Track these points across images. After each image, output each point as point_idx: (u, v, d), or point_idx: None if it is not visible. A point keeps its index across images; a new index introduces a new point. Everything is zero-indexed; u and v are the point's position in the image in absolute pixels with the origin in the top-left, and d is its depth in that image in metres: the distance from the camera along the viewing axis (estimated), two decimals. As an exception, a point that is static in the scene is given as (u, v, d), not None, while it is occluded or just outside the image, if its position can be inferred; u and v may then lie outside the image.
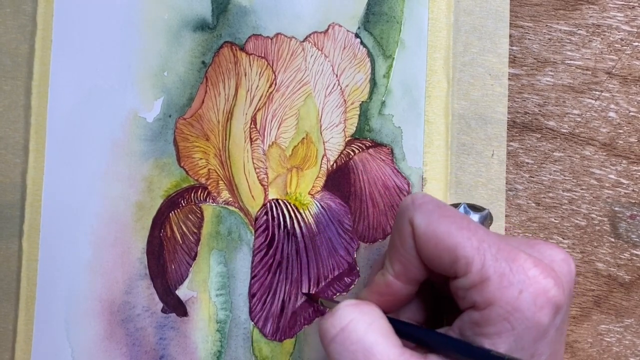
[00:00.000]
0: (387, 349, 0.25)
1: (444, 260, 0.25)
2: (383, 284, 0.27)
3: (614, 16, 0.37)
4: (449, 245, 0.24)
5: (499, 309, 0.23)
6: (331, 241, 0.35)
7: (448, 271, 0.25)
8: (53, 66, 0.36)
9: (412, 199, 0.26)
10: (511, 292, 0.23)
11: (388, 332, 0.26)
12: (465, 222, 0.25)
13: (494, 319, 0.24)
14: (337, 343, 0.25)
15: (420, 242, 0.25)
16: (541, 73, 0.37)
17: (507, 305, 0.23)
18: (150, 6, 0.36)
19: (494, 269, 0.24)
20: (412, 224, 0.25)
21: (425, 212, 0.25)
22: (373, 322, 0.25)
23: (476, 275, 0.24)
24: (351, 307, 0.26)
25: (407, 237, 0.26)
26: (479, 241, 0.24)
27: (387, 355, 0.25)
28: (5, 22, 0.36)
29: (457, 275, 0.25)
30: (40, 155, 0.35)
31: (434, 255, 0.25)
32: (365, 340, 0.25)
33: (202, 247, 0.35)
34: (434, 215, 0.25)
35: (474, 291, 0.24)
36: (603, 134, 0.37)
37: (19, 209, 0.35)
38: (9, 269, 0.35)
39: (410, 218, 0.26)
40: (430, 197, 0.26)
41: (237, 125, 0.35)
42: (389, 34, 0.36)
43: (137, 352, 0.35)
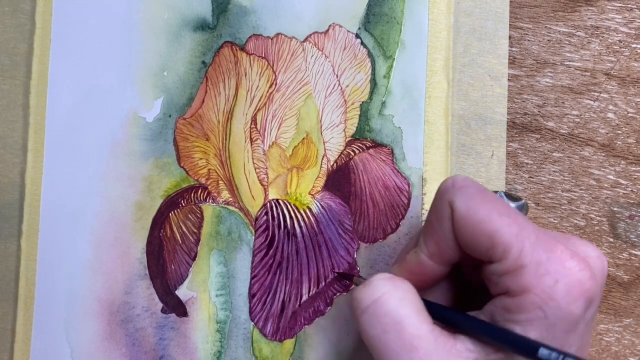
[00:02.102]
0: (418, 324, 0.25)
1: (481, 244, 0.25)
2: (415, 262, 0.27)
3: (612, 18, 0.37)
4: (488, 231, 0.24)
5: (533, 296, 0.24)
6: (331, 241, 0.35)
7: (484, 255, 0.25)
8: (52, 65, 0.35)
9: (453, 182, 0.26)
10: (547, 281, 0.24)
11: (420, 308, 0.26)
12: (506, 209, 0.25)
13: (528, 306, 0.24)
14: (369, 314, 0.25)
15: (459, 225, 0.25)
16: (540, 74, 0.37)
17: (542, 293, 0.23)
18: (150, 6, 0.36)
19: (531, 257, 0.24)
20: (451, 207, 0.25)
21: (466, 195, 0.25)
22: (405, 297, 0.26)
23: (513, 262, 0.24)
24: (385, 280, 0.26)
25: (445, 218, 0.26)
26: (518, 228, 0.24)
27: (417, 329, 0.25)
28: (4, 21, 0.36)
29: (492, 260, 0.25)
30: (39, 155, 0.35)
31: (471, 238, 0.25)
32: (397, 313, 0.25)
33: (202, 247, 0.35)
34: (474, 199, 0.25)
35: (508, 277, 0.24)
36: (602, 134, 0.37)
37: (17, 209, 0.35)
38: (8, 269, 0.35)
39: (450, 200, 0.25)
40: (471, 180, 0.26)
41: (237, 125, 0.35)
42: (389, 34, 0.36)
43: (136, 352, 0.34)
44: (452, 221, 0.26)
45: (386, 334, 0.25)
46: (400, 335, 0.25)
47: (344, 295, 0.35)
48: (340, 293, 0.35)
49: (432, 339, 0.25)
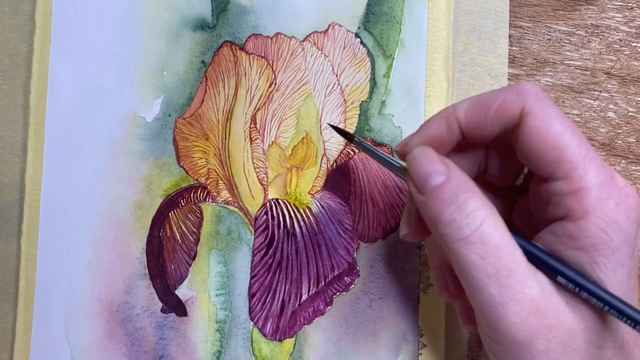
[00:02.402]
0: (514, 250, 0.25)
1: (546, 156, 0.25)
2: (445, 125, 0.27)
3: (612, 17, 0.37)
4: (559, 145, 0.25)
5: (596, 219, 0.24)
6: (331, 241, 0.35)
7: (545, 169, 0.25)
8: (52, 65, 0.35)
9: (537, 91, 0.26)
10: (609, 204, 0.24)
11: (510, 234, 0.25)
12: (578, 131, 0.25)
13: (591, 229, 0.24)
14: (468, 242, 0.25)
15: (528, 133, 0.25)
16: (540, 73, 0.37)
17: (604, 216, 0.24)
18: (150, 6, 0.36)
19: (596, 179, 0.24)
20: (524, 110, 0.25)
21: (545, 107, 0.25)
22: (499, 222, 0.25)
23: (577, 181, 0.24)
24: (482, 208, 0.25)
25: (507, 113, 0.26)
26: (587, 150, 0.25)
27: (514, 255, 0.25)
28: (4, 21, 0.36)
29: (552, 177, 0.25)
30: (39, 155, 0.35)
31: (539, 149, 0.25)
32: (495, 239, 0.25)
33: (202, 247, 0.35)
34: (552, 113, 0.25)
35: (571, 198, 0.24)
36: (602, 134, 0.37)
37: (17, 209, 0.35)
38: (8, 269, 0.35)
39: (527, 105, 0.25)
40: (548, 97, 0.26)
41: (236, 125, 0.35)
42: (389, 33, 0.36)
43: (136, 352, 0.34)
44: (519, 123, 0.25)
45: (485, 259, 0.24)
46: (500, 261, 0.24)
47: (344, 294, 0.35)
48: (340, 293, 0.35)
49: (525, 265, 0.25)
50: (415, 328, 0.35)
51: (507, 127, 0.26)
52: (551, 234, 0.26)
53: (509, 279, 0.24)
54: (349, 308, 0.35)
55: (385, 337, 0.35)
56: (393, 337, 0.35)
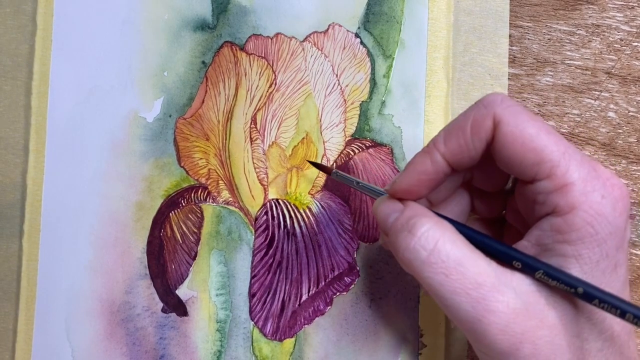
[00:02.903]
0: (477, 261, 0.25)
1: (527, 160, 0.25)
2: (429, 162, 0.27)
3: (613, 16, 0.37)
4: (537, 147, 0.25)
5: (582, 213, 0.24)
6: (331, 241, 0.35)
7: (527, 172, 0.25)
8: (53, 66, 0.36)
9: (502, 98, 0.26)
10: (594, 197, 0.24)
11: (470, 245, 0.26)
12: (552, 129, 0.26)
13: (578, 223, 0.24)
14: (429, 264, 0.25)
15: (504, 140, 0.25)
16: (541, 73, 0.37)
17: (590, 209, 0.24)
18: (150, 6, 0.36)
19: (578, 174, 0.24)
20: (496, 120, 0.26)
21: (515, 112, 0.26)
22: (456, 239, 0.26)
23: (561, 178, 0.24)
24: (433, 226, 0.26)
25: (483, 129, 0.26)
26: (565, 147, 0.25)
27: (478, 266, 0.25)
28: (5, 22, 0.36)
29: (537, 178, 0.25)
30: (41, 155, 0.35)
31: (517, 154, 0.25)
32: (455, 255, 0.25)
33: (202, 247, 0.35)
34: (523, 117, 0.25)
35: (556, 194, 0.25)
36: (602, 133, 0.37)
37: (19, 209, 0.35)
38: (9, 269, 0.35)
39: (496, 115, 0.26)
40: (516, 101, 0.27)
41: (237, 125, 0.36)
42: (389, 33, 0.36)
43: (137, 351, 0.35)
44: (494, 135, 0.26)
45: (449, 277, 0.25)
46: (464, 275, 0.25)
47: (344, 294, 0.35)
48: (340, 293, 0.35)
49: (492, 273, 0.25)
50: (415, 328, 0.35)
51: (487, 142, 0.26)
52: (539, 229, 0.26)
53: (478, 291, 0.24)
54: (349, 308, 0.35)
55: (385, 337, 0.35)
56: (393, 337, 0.35)
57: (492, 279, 0.25)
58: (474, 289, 0.24)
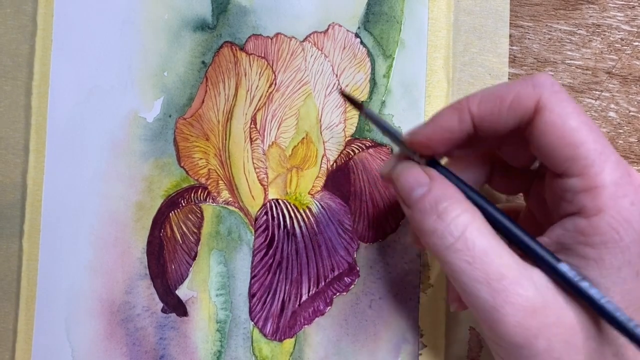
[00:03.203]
0: (502, 252, 0.25)
1: (561, 153, 0.24)
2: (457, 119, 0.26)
3: (614, 16, 0.37)
4: (575, 142, 0.24)
5: (609, 217, 0.23)
6: (331, 241, 0.35)
7: (559, 165, 0.25)
8: (53, 66, 0.36)
9: (552, 82, 0.25)
10: (624, 203, 0.23)
11: (496, 236, 0.25)
12: (595, 125, 0.25)
13: (603, 227, 0.23)
14: (454, 250, 0.25)
15: (543, 127, 0.24)
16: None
17: (618, 215, 0.23)
18: (150, 6, 0.36)
19: (611, 177, 0.24)
20: (539, 103, 0.25)
21: (561, 100, 0.25)
22: (483, 228, 0.25)
23: (593, 178, 0.24)
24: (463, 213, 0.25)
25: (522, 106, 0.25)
26: (603, 147, 0.24)
27: (503, 257, 0.25)
28: (6, 23, 0.36)
29: (567, 173, 0.24)
30: (41, 155, 0.35)
31: (553, 144, 0.24)
32: (482, 244, 0.25)
33: (202, 247, 0.35)
34: (568, 107, 0.24)
35: (586, 195, 0.24)
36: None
37: (19, 209, 0.35)
38: (10, 269, 0.35)
39: (543, 98, 0.25)
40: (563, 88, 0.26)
41: (237, 125, 0.35)
42: (389, 33, 0.36)
43: (137, 352, 0.35)
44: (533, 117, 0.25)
45: (473, 265, 0.25)
46: (489, 265, 0.24)
47: (344, 295, 0.35)
48: (340, 293, 0.35)
49: (515, 266, 0.25)
50: (415, 328, 0.35)
51: (521, 121, 0.25)
52: (561, 227, 0.25)
53: (500, 282, 0.24)
54: (349, 308, 0.35)
55: (385, 337, 0.35)
56: (393, 337, 0.35)
57: (516, 272, 0.24)
58: (497, 280, 0.24)
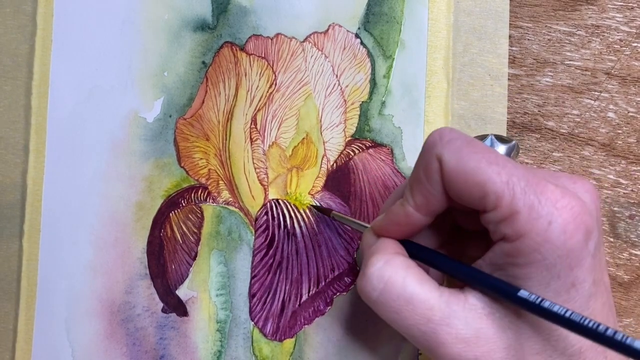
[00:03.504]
0: (427, 295, 0.26)
1: (473, 195, 0.25)
2: (402, 214, 0.28)
3: (613, 17, 0.37)
4: (479, 181, 0.25)
5: (529, 240, 0.24)
6: (331, 241, 0.35)
7: (477, 205, 0.25)
8: (53, 66, 0.36)
9: (440, 135, 0.26)
10: (540, 224, 0.24)
11: (422, 279, 0.26)
12: (494, 157, 0.25)
13: (525, 250, 0.24)
14: (380, 303, 0.27)
15: (449, 178, 0.25)
16: (540, 73, 0.37)
17: (537, 237, 0.24)
18: (150, 6, 0.36)
19: (523, 202, 0.24)
20: (440, 160, 0.26)
21: (454, 148, 0.25)
22: (407, 275, 0.26)
23: (506, 209, 0.24)
24: (384, 267, 0.27)
25: (433, 172, 0.26)
26: (507, 175, 0.24)
27: (427, 301, 0.26)
28: (5, 22, 0.36)
29: (486, 210, 0.25)
30: (41, 155, 0.35)
31: (463, 190, 0.25)
32: (404, 294, 0.26)
33: (202, 247, 0.35)
34: (463, 152, 0.25)
35: (504, 224, 0.24)
36: (602, 134, 0.37)
37: (19, 209, 0.35)
38: (10, 269, 0.35)
39: (438, 154, 0.26)
40: (457, 132, 0.26)
41: (237, 126, 0.36)
42: (389, 34, 0.36)
43: (137, 351, 0.35)
44: (442, 174, 0.26)
45: (400, 314, 0.26)
46: (414, 312, 0.26)
47: (344, 294, 0.35)
48: (340, 293, 0.35)
49: (443, 304, 0.26)
50: (415, 328, 0.35)
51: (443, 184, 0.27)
52: (492, 251, 0.26)
53: (427, 325, 0.25)
54: (349, 308, 0.35)
55: (385, 337, 0.35)
56: (393, 337, 0.35)
57: (442, 312, 0.25)
58: (424, 324, 0.26)
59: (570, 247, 0.24)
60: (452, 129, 0.26)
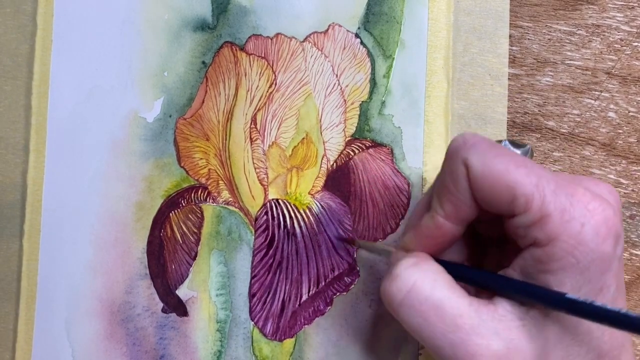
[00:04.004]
0: (457, 302, 0.25)
1: (502, 199, 0.24)
2: (433, 226, 0.27)
3: (613, 16, 0.37)
4: (508, 184, 0.24)
5: (562, 243, 0.23)
6: (331, 241, 0.35)
7: (505, 209, 0.25)
8: (53, 66, 0.36)
9: (464, 140, 0.25)
10: (574, 226, 0.23)
11: (452, 284, 0.26)
12: (521, 160, 0.25)
13: (558, 254, 0.23)
14: (405, 306, 0.25)
15: (477, 183, 0.25)
16: (541, 73, 0.37)
17: (570, 239, 0.23)
18: (150, 6, 0.36)
19: (554, 204, 0.24)
20: (466, 165, 0.25)
21: (480, 151, 0.25)
22: (436, 279, 0.25)
23: (537, 212, 0.24)
24: (412, 268, 0.26)
25: (460, 177, 0.25)
26: (537, 178, 0.24)
27: (457, 308, 0.25)
28: (5, 22, 0.36)
29: (515, 213, 0.24)
30: (41, 155, 0.35)
31: (491, 194, 0.25)
32: (433, 297, 0.25)
33: (202, 247, 0.35)
34: (489, 155, 0.25)
35: (535, 228, 0.24)
36: (602, 134, 0.37)
37: (19, 209, 0.35)
38: (10, 269, 0.35)
39: (464, 159, 0.25)
40: (480, 136, 0.26)
41: (237, 125, 0.36)
42: (389, 34, 0.36)
43: (137, 352, 0.35)
44: (469, 179, 0.25)
45: (427, 320, 0.25)
46: (442, 318, 0.25)
47: (344, 294, 0.35)
48: (340, 293, 0.35)
49: (473, 313, 0.25)
50: (415, 328, 0.35)
51: None
52: (522, 258, 0.25)
53: (456, 334, 0.24)
54: (349, 308, 0.35)
55: (385, 337, 0.35)
56: (393, 337, 0.35)
57: (472, 321, 0.24)
58: (452, 332, 0.24)
59: (603, 250, 0.23)
60: (475, 134, 0.26)
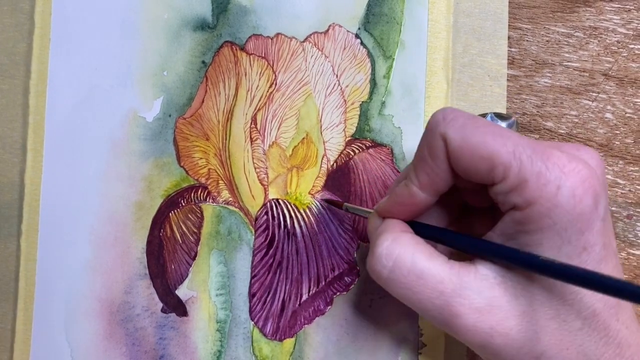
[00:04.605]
0: (436, 269, 0.26)
1: (481, 169, 0.25)
2: (407, 194, 0.28)
3: (610, 19, 0.37)
4: (486, 154, 0.25)
5: (539, 207, 0.24)
6: (331, 241, 0.35)
7: (485, 179, 0.26)
8: (51, 65, 0.35)
9: (443, 115, 0.26)
10: (549, 189, 0.24)
11: (431, 253, 0.27)
12: (498, 130, 0.25)
13: (536, 216, 0.24)
14: (392, 280, 0.27)
15: (455, 155, 0.26)
16: (539, 74, 0.37)
17: (546, 202, 0.24)
18: (150, 5, 0.36)
19: (530, 169, 0.24)
20: (444, 139, 0.26)
21: (458, 126, 0.26)
22: (415, 251, 0.27)
23: (514, 178, 0.24)
24: (393, 244, 0.27)
25: (438, 151, 0.26)
26: (513, 145, 0.25)
27: (437, 274, 0.26)
28: (3, 21, 0.35)
29: (495, 182, 0.25)
30: (39, 155, 0.35)
31: (470, 165, 0.25)
32: (414, 269, 0.26)
33: (202, 247, 0.35)
34: (467, 128, 0.25)
35: (513, 194, 0.25)
36: (600, 134, 0.37)
37: (17, 209, 0.35)
38: (7, 269, 0.35)
39: (442, 133, 0.26)
40: (459, 111, 0.27)
41: (237, 125, 0.35)
42: (389, 34, 0.36)
43: (136, 352, 0.34)
44: (447, 153, 0.26)
45: (413, 290, 0.26)
46: (425, 287, 0.26)
47: (344, 294, 0.35)
48: (340, 292, 0.35)
49: (454, 277, 0.26)
50: (415, 328, 0.35)
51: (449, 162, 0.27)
52: (502, 222, 0.26)
53: (440, 298, 0.26)
54: (349, 308, 0.35)
55: (385, 336, 0.35)
56: (393, 336, 0.35)
57: (453, 285, 0.26)
58: (437, 297, 0.26)
59: (580, 210, 0.24)
60: (454, 109, 0.27)
